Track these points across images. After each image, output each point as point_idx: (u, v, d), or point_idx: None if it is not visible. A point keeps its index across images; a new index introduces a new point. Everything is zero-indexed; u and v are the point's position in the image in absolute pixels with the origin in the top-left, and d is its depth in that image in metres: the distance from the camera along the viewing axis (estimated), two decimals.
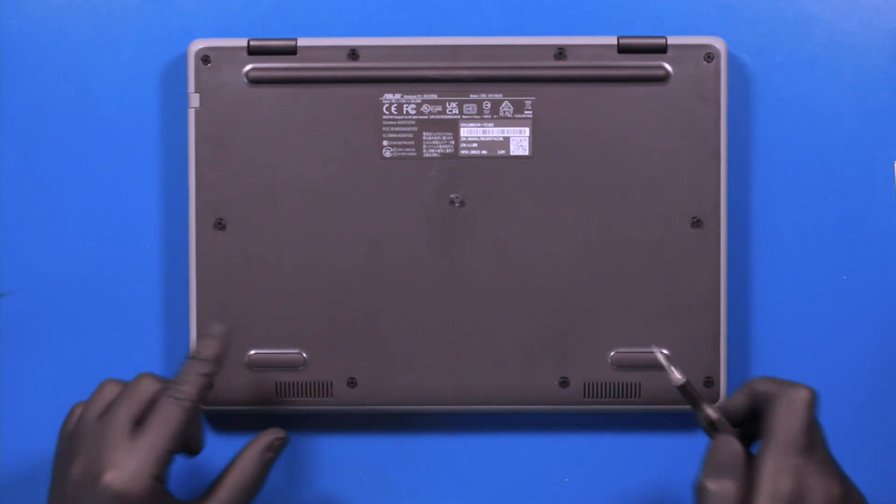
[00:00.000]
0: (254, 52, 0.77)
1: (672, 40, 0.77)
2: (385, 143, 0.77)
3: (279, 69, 0.77)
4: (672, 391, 0.69)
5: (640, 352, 0.77)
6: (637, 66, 0.77)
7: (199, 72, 0.77)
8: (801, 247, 0.80)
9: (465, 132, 0.77)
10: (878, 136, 0.80)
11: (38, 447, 0.80)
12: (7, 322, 0.80)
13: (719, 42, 0.77)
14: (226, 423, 0.80)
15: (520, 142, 0.77)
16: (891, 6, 0.79)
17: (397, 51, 0.77)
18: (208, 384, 0.71)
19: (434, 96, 0.77)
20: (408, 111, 0.77)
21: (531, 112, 0.77)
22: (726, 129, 0.77)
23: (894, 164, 0.80)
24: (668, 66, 0.77)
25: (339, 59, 0.77)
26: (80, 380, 0.80)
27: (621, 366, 0.77)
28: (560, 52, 0.77)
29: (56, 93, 0.79)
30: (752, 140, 0.80)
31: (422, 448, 0.80)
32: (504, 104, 0.77)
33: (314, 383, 0.77)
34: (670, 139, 0.77)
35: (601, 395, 0.77)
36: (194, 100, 0.77)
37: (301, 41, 0.77)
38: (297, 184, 0.77)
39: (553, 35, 0.77)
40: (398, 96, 0.77)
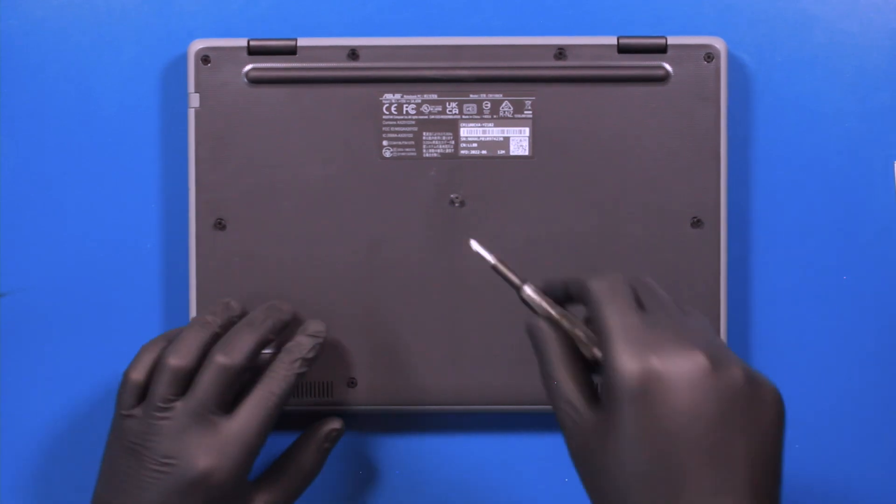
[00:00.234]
0: (254, 52, 0.77)
1: (672, 40, 0.77)
2: (385, 143, 0.77)
3: (279, 69, 0.77)
4: None
5: None
6: (637, 66, 0.77)
7: (199, 72, 0.77)
8: (801, 247, 0.80)
9: (465, 132, 0.77)
10: (878, 136, 0.79)
11: (38, 447, 0.80)
12: (7, 322, 0.79)
13: (719, 42, 0.77)
14: None
15: (520, 142, 0.77)
16: (891, 6, 0.79)
17: (397, 51, 0.77)
18: (300, 378, 0.73)
19: (434, 96, 0.77)
20: (408, 111, 0.77)
21: (531, 112, 0.77)
22: (726, 129, 0.77)
23: (894, 164, 0.80)
24: (668, 66, 0.77)
25: (339, 59, 0.77)
26: (81, 380, 0.80)
27: None
28: (560, 52, 0.77)
29: (56, 93, 0.79)
30: (752, 140, 0.80)
31: (422, 448, 0.80)
32: (504, 104, 0.77)
33: (314, 383, 0.77)
34: (670, 139, 0.77)
35: None
36: (194, 100, 0.77)
37: (301, 41, 0.77)
38: (297, 184, 0.77)
39: (553, 35, 0.77)
40: (398, 96, 0.77)
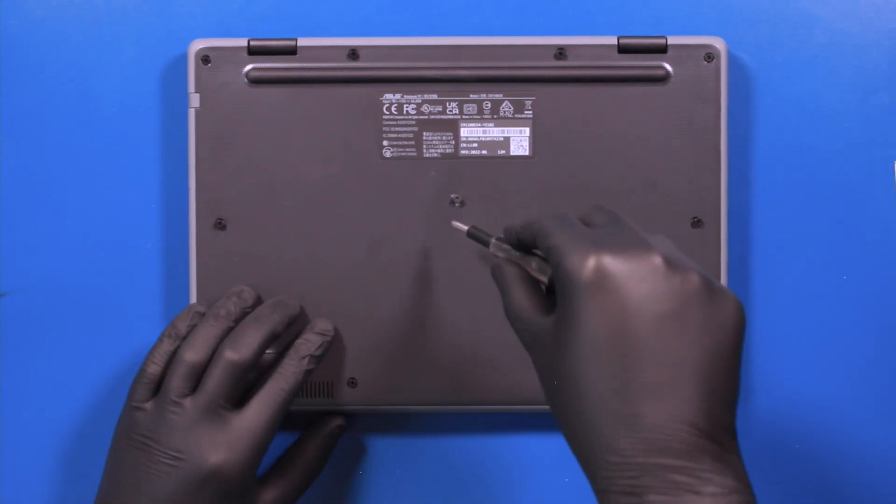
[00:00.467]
0: (254, 52, 0.77)
1: (672, 40, 0.77)
2: (385, 143, 0.77)
3: (279, 69, 0.77)
4: None
5: None
6: (637, 66, 0.77)
7: (199, 72, 0.77)
8: (801, 247, 0.80)
9: (466, 132, 0.77)
10: (878, 136, 0.80)
11: (38, 447, 0.80)
12: (7, 322, 0.80)
13: (719, 42, 0.77)
14: None
15: (520, 142, 0.77)
16: (891, 6, 0.79)
17: (397, 51, 0.77)
18: (308, 375, 0.73)
19: (434, 96, 0.77)
20: (408, 111, 0.77)
21: (531, 112, 0.77)
22: (726, 129, 0.77)
23: (894, 164, 0.80)
24: (668, 66, 0.77)
25: (339, 59, 0.77)
26: (81, 379, 0.80)
27: None
28: (560, 52, 0.77)
29: (56, 93, 0.79)
30: (752, 140, 0.80)
31: (422, 448, 0.80)
32: (504, 104, 0.77)
33: (314, 383, 0.77)
34: (670, 139, 0.77)
35: None
36: (194, 100, 0.77)
37: (301, 41, 0.77)
38: (297, 184, 0.77)
39: (553, 35, 0.77)
40: (398, 96, 0.77)
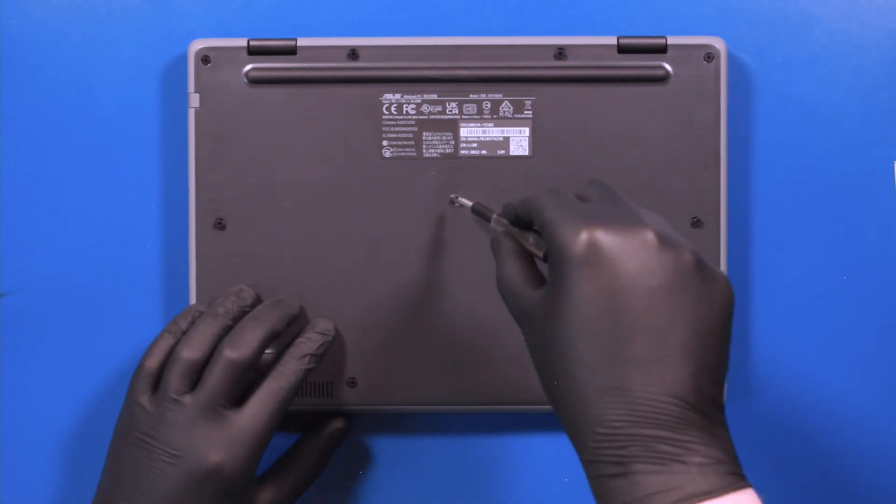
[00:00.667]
0: (254, 52, 0.77)
1: (672, 40, 0.77)
2: (385, 143, 0.77)
3: (279, 69, 0.77)
4: None
5: None
6: (637, 66, 0.77)
7: (199, 72, 0.77)
8: (801, 247, 0.80)
9: (465, 132, 0.77)
10: (878, 136, 0.80)
11: (38, 446, 0.80)
12: (7, 322, 0.80)
13: (719, 42, 0.77)
14: None
15: (520, 142, 0.77)
16: (891, 6, 0.79)
17: (397, 51, 0.77)
18: (308, 374, 0.73)
19: (434, 96, 0.77)
20: (408, 111, 0.77)
21: (531, 112, 0.77)
22: (726, 129, 0.77)
23: (894, 164, 0.80)
24: (668, 66, 0.77)
25: (339, 59, 0.77)
26: (81, 379, 0.80)
27: None
28: (560, 52, 0.77)
29: (56, 93, 0.79)
30: (752, 140, 0.80)
31: (422, 448, 0.80)
32: (504, 104, 0.77)
33: (314, 383, 0.77)
34: (670, 139, 0.77)
35: None
36: (194, 100, 0.77)
37: (301, 41, 0.77)
38: (297, 184, 0.77)
39: (553, 35, 0.77)
40: (398, 96, 0.77)
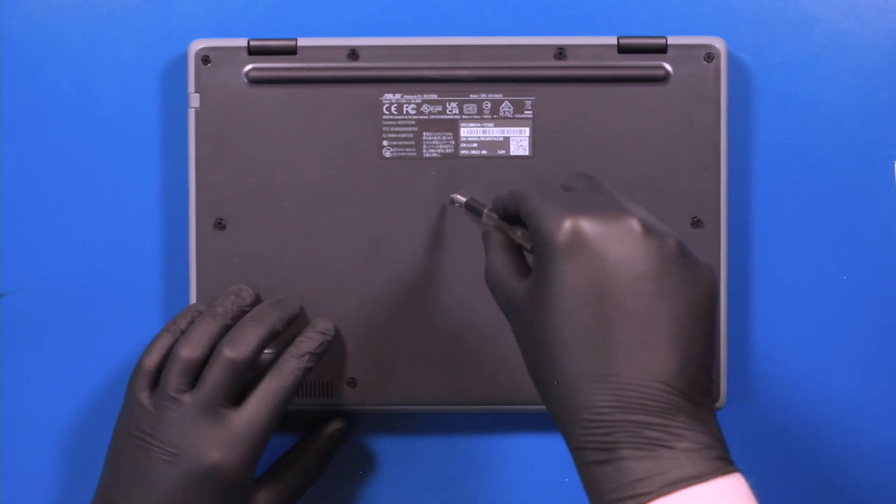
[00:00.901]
0: (254, 52, 0.77)
1: (672, 40, 0.77)
2: (385, 143, 0.77)
3: (279, 69, 0.77)
4: None
5: None
6: (637, 66, 0.77)
7: (199, 72, 0.77)
8: (801, 247, 0.80)
9: (465, 132, 0.77)
10: (878, 136, 0.80)
11: (38, 446, 0.80)
12: (7, 322, 0.80)
13: (719, 42, 0.77)
14: None
15: (520, 142, 0.77)
16: (891, 6, 0.79)
17: (397, 51, 0.77)
18: (307, 373, 0.73)
19: (434, 96, 0.77)
20: (408, 111, 0.77)
21: (531, 112, 0.77)
22: (726, 129, 0.77)
23: (894, 164, 0.80)
24: (668, 66, 0.77)
25: (339, 59, 0.77)
26: (81, 379, 0.80)
27: None
28: (560, 52, 0.77)
29: (56, 93, 0.79)
30: (752, 140, 0.80)
31: (422, 448, 0.80)
32: (504, 104, 0.77)
33: (314, 383, 0.77)
34: (670, 139, 0.77)
35: None
36: (194, 100, 0.77)
37: (301, 41, 0.77)
38: (297, 184, 0.77)
39: (553, 35, 0.77)
40: (398, 96, 0.77)
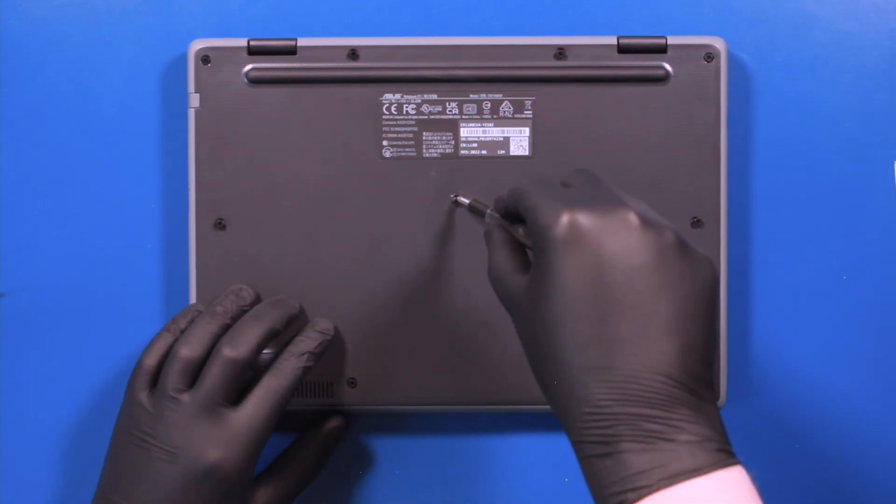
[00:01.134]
0: (254, 52, 0.77)
1: (672, 40, 0.77)
2: (385, 143, 0.77)
3: (279, 69, 0.77)
4: None
5: None
6: (637, 66, 0.77)
7: (199, 72, 0.77)
8: (801, 247, 0.80)
9: (465, 132, 0.77)
10: (878, 136, 0.79)
11: (38, 446, 0.80)
12: (7, 322, 0.79)
13: (719, 42, 0.77)
14: None
15: (520, 142, 0.77)
16: (891, 6, 0.79)
17: (397, 51, 0.77)
18: (306, 372, 0.73)
19: (434, 96, 0.77)
20: (408, 111, 0.77)
21: (531, 112, 0.77)
22: (726, 129, 0.77)
23: (894, 164, 0.80)
24: (668, 66, 0.77)
25: (339, 59, 0.77)
26: (81, 379, 0.80)
27: None
28: (560, 52, 0.77)
29: (56, 93, 0.79)
30: (752, 140, 0.80)
31: (422, 448, 0.80)
32: (504, 104, 0.77)
33: (314, 383, 0.77)
34: (670, 139, 0.77)
35: None
36: (194, 100, 0.77)
37: (301, 41, 0.77)
38: (297, 184, 0.77)
39: (553, 35, 0.77)
40: (398, 96, 0.77)
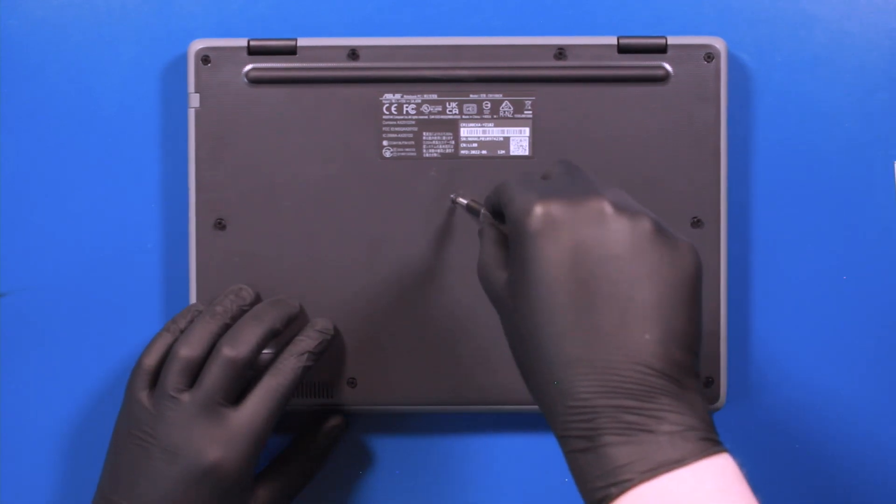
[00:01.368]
0: (254, 52, 0.77)
1: (672, 40, 0.77)
2: (385, 143, 0.77)
3: (279, 69, 0.77)
4: None
5: None
6: (637, 66, 0.77)
7: (199, 72, 0.77)
8: (801, 247, 0.80)
9: (465, 132, 0.77)
10: (877, 136, 0.79)
11: (38, 446, 0.80)
12: (7, 322, 0.80)
13: (719, 42, 0.77)
14: None
15: (520, 142, 0.77)
16: (891, 6, 0.79)
17: (397, 51, 0.77)
18: (306, 371, 0.73)
19: (434, 96, 0.77)
20: (408, 111, 0.77)
21: (531, 112, 0.77)
22: (726, 129, 0.77)
23: (894, 164, 0.80)
24: (668, 66, 0.77)
25: (339, 59, 0.77)
26: (81, 379, 0.80)
27: None
28: (560, 52, 0.77)
29: (56, 93, 0.79)
30: (752, 140, 0.80)
31: (422, 448, 0.80)
32: (504, 104, 0.77)
33: (314, 383, 0.77)
34: (670, 139, 0.77)
35: None
36: (194, 100, 0.77)
37: (301, 41, 0.77)
38: (297, 184, 0.77)
39: (553, 35, 0.77)
40: (398, 96, 0.77)
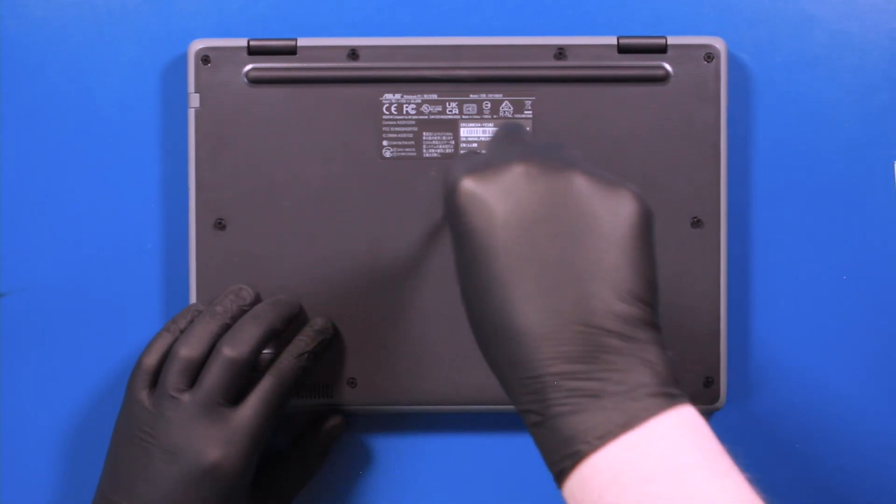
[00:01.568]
0: (254, 52, 0.77)
1: (672, 40, 0.77)
2: (385, 143, 0.77)
3: (279, 69, 0.77)
4: None
5: None
6: (637, 66, 0.77)
7: (199, 72, 0.77)
8: (801, 247, 0.80)
9: (465, 132, 0.77)
10: (877, 136, 0.80)
11: (38, 447, 0.80)
12: (7, 322, 0.80)
13: (719, 42, 0.77)
14: None
15: None
16: (891, 6, 0.79)
17: (397, 51, 0.77)
18: (306, 371, 0.74)
19: (434, 96, 0.77)
20: (408, 111, 0.77)
21: (531, 112, 0.77)
22: (726, 129, 0.77)
23: (894, 164, 0.80)
24: (668, 66, 0.77)
25: (339, 59, 0.77)
26: (81, 380, 0.80)
27: None
28: (560, 52, 0.77)
29: (56, 93, 0.79)
30: (752, 140, 0.80)
31: (422, 448, 0.80)
32: (504, 104, 0.77)
33: (314, 383, 0.77)
34: (670, 139, 0.77)
35: None
36: (194, 100, 0.77)
37: (301, 41, 0.77)
38: (297, 184, 0.77)
39: (553, 35, 0.77)
40: (398, 96, 0.77)
